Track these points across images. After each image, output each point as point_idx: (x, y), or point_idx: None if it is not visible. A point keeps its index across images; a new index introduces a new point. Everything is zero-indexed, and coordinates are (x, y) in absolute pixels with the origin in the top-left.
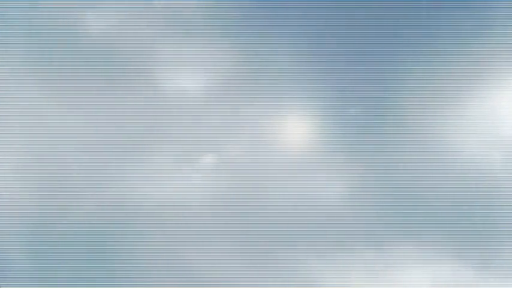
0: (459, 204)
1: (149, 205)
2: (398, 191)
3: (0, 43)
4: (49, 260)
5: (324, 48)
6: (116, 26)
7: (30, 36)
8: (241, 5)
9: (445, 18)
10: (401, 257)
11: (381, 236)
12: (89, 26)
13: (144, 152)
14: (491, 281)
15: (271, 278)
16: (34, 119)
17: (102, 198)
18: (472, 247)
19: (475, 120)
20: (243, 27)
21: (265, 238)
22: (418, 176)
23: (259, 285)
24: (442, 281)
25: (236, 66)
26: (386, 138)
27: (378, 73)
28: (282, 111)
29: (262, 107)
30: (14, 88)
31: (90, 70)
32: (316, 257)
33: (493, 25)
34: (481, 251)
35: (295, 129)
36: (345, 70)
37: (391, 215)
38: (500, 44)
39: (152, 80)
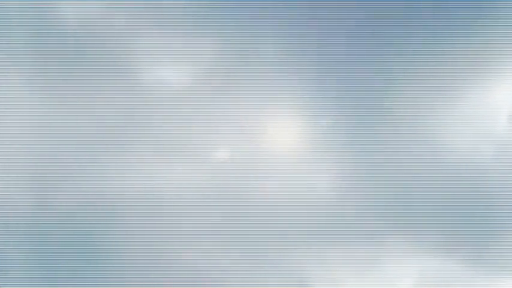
0: (451, 201)
1: (139, 203)
2: (390, 188)
3: None
4: (38, 259)
5: (317, 45)
6: (104, 22)
7: (10, 33)
8: (236, 4)
9: (439, 15)
10: (391, 254)
11: (375, 233)
12: (75, 21)
13: (136, 151)
14: (483, 278)
15: (265, 276)
16: (18, 115)
17: (93, 195)
18: (463, 244)
19: (467, 117)
20: (236, 25)
21: (258, 237)
22: (408, 173)
23: (253, 285)
24: (432, 277)
25: (228, 64)
26: (379, 136)
27: (370, 70)
28: (274, 109)
29: (254, 104)
30: None
31: (86, 68)
32: (309, 255)
33: (486, 22)
34: (472, 248)
35: (287, 127)
36: (336, 67)
37: (383, 212)
38: (493, 40)
39: (139, 76)
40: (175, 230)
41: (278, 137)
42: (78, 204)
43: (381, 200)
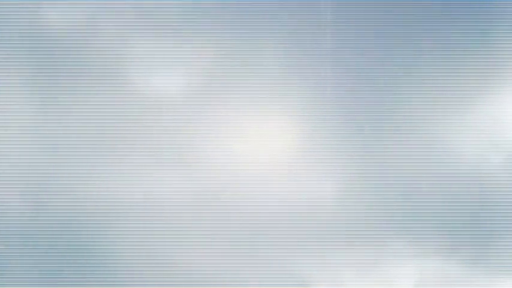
0: (452, 202)
1: (136, 205)
2: (391, 189)
3: None
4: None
5: (318, 44)
6: (96, 24)
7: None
8: (235, 5)
9: (448, 17)
10: (392, 254)
11: (376, 234)
12: (68, 24)
13: (134, 153)
14: (483, 278)
15: (266, 277)
16: (14, 117)
17: (91, 197)
18: (467, 247)
19: (476, 121)
20: (235, 25)
21: (258, 238)
22: (412, 176)
23: (250, 285)
24: (433, 278)
25: (228, 66)
26: (382, 138)
27: (377, 72)
28: (274, 110)
29: (255, 106)
30: None
31: (84, 69)
32: (310, 256)
33: (498, 26)
34: (476, 251)
35: (287, 129)
36: (340, 68)
37: (388, 215)
38: (504, 45)
39: (130, 80)
40: (174, 233)
41: (279, 139)
42: (76, 205)
43: (382, 201)
